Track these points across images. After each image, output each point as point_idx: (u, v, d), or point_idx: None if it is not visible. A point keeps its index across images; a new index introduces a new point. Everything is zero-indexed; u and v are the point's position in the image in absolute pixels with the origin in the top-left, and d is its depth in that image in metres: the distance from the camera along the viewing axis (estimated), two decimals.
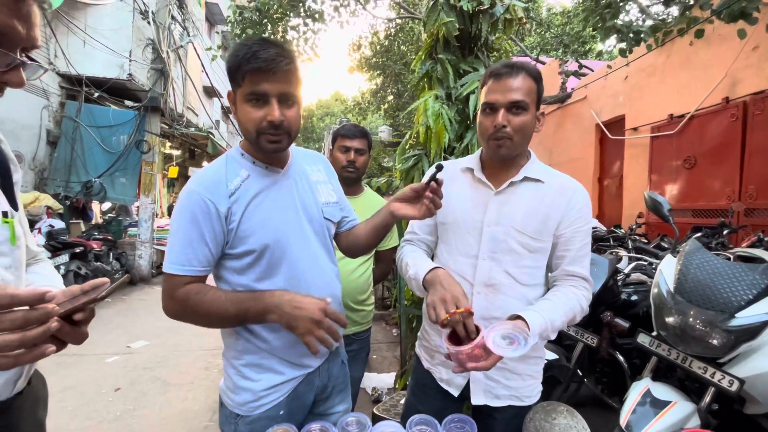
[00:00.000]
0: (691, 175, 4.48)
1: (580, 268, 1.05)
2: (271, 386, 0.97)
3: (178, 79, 7.81)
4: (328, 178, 1.13)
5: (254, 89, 0.87)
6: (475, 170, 1.11)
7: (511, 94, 1.00)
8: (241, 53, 0.87)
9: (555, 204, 1.04)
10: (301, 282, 0.98)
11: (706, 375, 1.31)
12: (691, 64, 4.57)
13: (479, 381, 1.08)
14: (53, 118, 6.55)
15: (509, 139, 1.01)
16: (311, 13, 6.53)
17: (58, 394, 2.83)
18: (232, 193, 0.92)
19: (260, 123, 0.89)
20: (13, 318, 0.47)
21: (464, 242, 1.09)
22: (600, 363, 1.96)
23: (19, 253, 0.69)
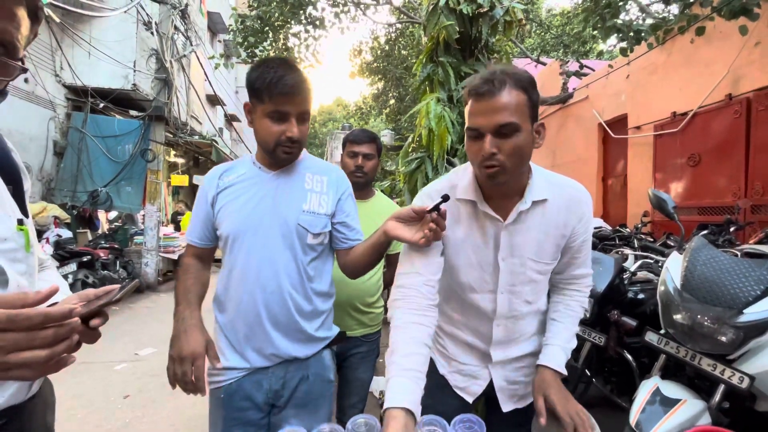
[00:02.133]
0: (695, 172, 4.46)
1: (584, 269, 1.07)
2: (216, 367, 1.06)
3: (181, 88, 7.90)
4: (328, 190, 1.14)
5: (278, 109, 1.01)
6: (478, 203, 0.97)
7: (497, 116, 0.84)
8: (268, 77, 0.99)
9: (563, 221, 0.99)
10: (249, 272, 1.07)
11: (715, 372, 1.30)
12: (692, 61, 4.56)
13: (504, 390, 1.08)
14: (60, 129, 6.64)
15: (501, 167, 0.86)
16: (312, 20, 6.59)
17: (67, 402, 2.85)
18: (223, 185, 1.10)
19: (279, 137, 1.03)
20: (44, 335, 0.49)
21: (479, 280, 1.02)
22: (608, 362, 1.95)
23: (32, 259, 0.71)
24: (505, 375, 1.08)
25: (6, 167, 0.71)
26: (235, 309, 1.08)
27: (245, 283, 1.07)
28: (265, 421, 1.11)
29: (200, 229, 1.13)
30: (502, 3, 1.90)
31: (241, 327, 1.08)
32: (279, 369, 1.09)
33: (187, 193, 11.78)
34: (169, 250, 7.67)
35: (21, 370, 0.48)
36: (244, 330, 1.07)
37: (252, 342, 1.08)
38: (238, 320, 1.08)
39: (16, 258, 0.66)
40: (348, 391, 1.65)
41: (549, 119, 7.52)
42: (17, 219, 0.68)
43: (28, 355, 0.48)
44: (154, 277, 7.10)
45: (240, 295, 1.07)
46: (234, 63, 7.96)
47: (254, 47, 6.73)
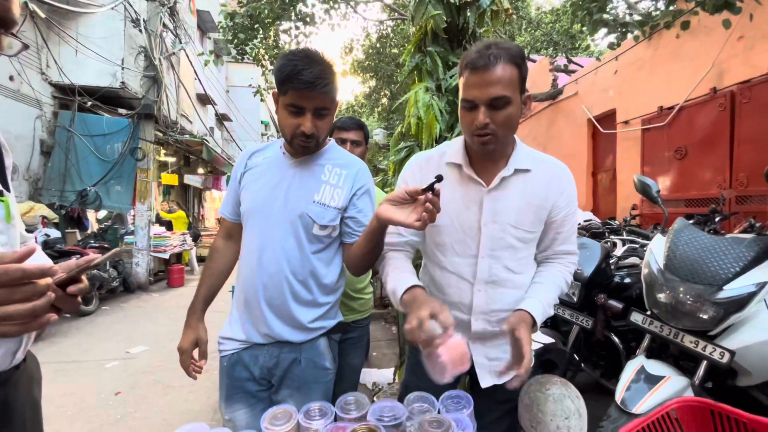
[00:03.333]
0: (682, 165, 4.54)
1: (569, 245, 1.09)
2: (224, 336, 1.16)
3: (171, 87, 7.82)
4: (344, 184, 1.13)
5: (293, 102, 1.02)
6: (464, 166, 1.04)
7: (491, 89, 0.91)
8: (286, 69, 0.99)
9: (545, 193, 1.03)
10: (254, 251, 1.12)
11: (697, 348, 1.33)
12: (678, 56, 4.64)
13: (483, 365, 1.10)
14: (46, 128, 6.54)
15: (493, 135, 0.94)
16: (302, 17, 6.57)
17: (57, 400, 2.82)
18: (250, 165, 1.17)
19: (294, 130, 1.05)
20: (24, 290, 0.51)
21: (461, 243, 1.05)
22: (596, 346, 1.98)
23: (13, 232, 0.72)
24: (486, 351, 1.09)
25: None
26: (242, 284, 1.14)
27: (250, 261, 1.12)
28: (265, 395, 1.16)
29: (231, 205, 1.20)
30: None
31: (243, 302, 1.14)
32: (273, 348, 1.13)
33: (178, 192, 11.67)
34: (160, 249, 7.59)
35: (4, 324, 0.50)
36: (245, 305, 1.14)
37: (250, 318, 1.13)
38: (242, 295, 1.14)
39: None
40: (339, 376, 1.64)
41: (539, 115, 7.59)
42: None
43: (10, 309, 0.49)
44: (146, 277, 7.03)
45: (245, 272, 1.13)
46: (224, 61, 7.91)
47: (244, 44, 6.69)
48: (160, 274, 7.85)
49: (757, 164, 3.65)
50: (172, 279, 7.46)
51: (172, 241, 7.88)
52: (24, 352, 0.73)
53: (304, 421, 0.94)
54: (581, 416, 0.96)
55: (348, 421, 0.95)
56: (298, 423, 0.94)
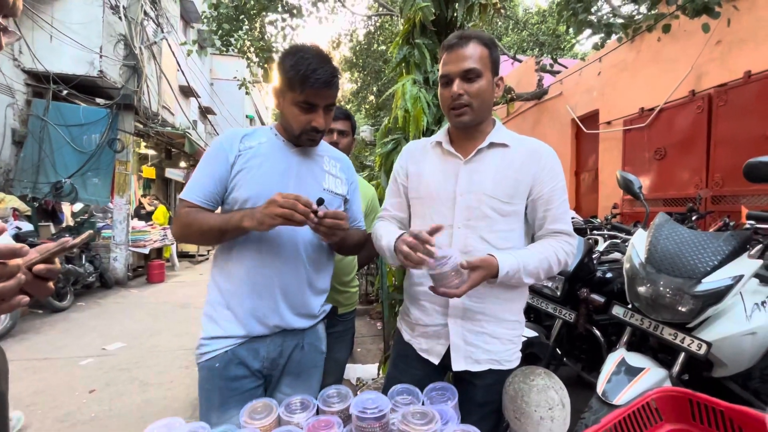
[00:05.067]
0: (661, 165, 4.65)
1: (562, 225, 1.07)
2: (210, 337, 1.06)
3: (152, 77, 7.59)
4: (341, 175, 1.23)
5: (308, 100, 1.04)
6: (444, 143, 1.14)
7: (464, 63, 1.04)
8: (302, 68, 1.00)
9: (524, 167, 1.06)
10: (266, 240, 1.07)
11: (676, 340, 1.36)
12: (659, 59, 4.75)
13: (459, 348, 1.09)
14: (19, 117, 6.27)
15: (468, 106, 1.05)
16: (289, 8, 6.47)
17: (27, 399, 2.71)
18: (242, 149, 1.09)
19: (306, 125, 1.07)
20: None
21: (439, 213, 1.10)
22: (578, 340, 2.01)
23: None
24: (463, 334, 1.08)
25: None
26: (245, 277, 1.07)
27: (261, 251, 1.06)
28: (259, 391, 1.10)
29: (211, 189, 1.06)
30: None
31: (248, 295, 1.06)
32: (277, 337, 1.10)
33: (159, 186, 11.37)
34: (140, 244, 7.39)
35: None
36: (251, 298, 1.07)
37: (257, 312, 1.07)
38: (246, 288, 1.06)
39: None
40: (323, 370, 1.63)
41: (525, 115, 7.68)
42: None
43: None
44: (124, 273, 6.83)
45: (253, 263, 1.07)
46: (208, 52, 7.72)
47: (229, 35, 6.54)
48: (139, 269, 7.64)
49: (732, 165, 3.77)
50: (151, 274, 7.26)
51: (152, 235, 7.68)
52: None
53: (285, 414, 0.92)
54: (565, 407, 0.96)
55: (330, 414, 0.93)
56: (278, 416, 0.92)
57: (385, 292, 2.25)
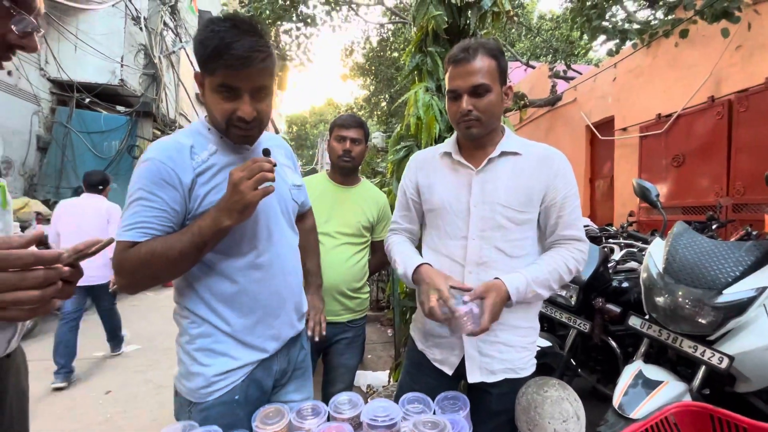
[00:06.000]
0: (679, 173, 4.55)
1: (574, 231, 1.06)
2: (224, 371, 0.93)
3: (170, 85, 7.80)
4: (289, 162, 1.13)
5: (226, 82, 0.84)
6: (453, 153, 1.12)
7: (472, 78, 1.01)
8: (212, 43, 0.81)
9: (537, 174, 1.05)
10: (264, 257, 0.96)
11: (696, 353, 1.32)
12: (677, 64, 4.67)
13: (474, 359, 1.08)
14: (44, 124, 6.50)
15: (477, 121, 1.03)
16: (303, 17, 6.58)
17: (45, 399, 2.77)
18: (198, 166, 0.89)
19: (230, 116, 0.86)
20: (36, 276, 0.50)
21: (453, 225, 1.09)
22: (593, 350, 1.96)
23: (9, 217, 0.72)
24: (477, 345, 1.07)
25: None
26: (253, 300, 0.96)
27: (264, 269, 0.97)
28: None
29: (164, 220, 0.85)
30: None
31: (259, 317, 0.97)
32: (283, 349, 1.05)
33: None
34: None
35: (13, 310, 0.49)
36: (265, 319, 0.98)
37: (271, 329, 0.99)
38: (258, 310, 0.96)
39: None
40: (333, 377, 1.64)
41: (538, 121, 7.62)
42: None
43: (21, 295, 0.49)
44: None
45: (260, 283, 0.96)
46: None
47: None
48: None
49: (754, 173, 3.67)
50: None
51: None
52: (18, 341, 0.71)
53: (297, 420, 0.92)
54: (579, 419, 0.94)
55: (341, 421, 0.93)
56: (290, 422, 0.92)
57: (397, 299, 2.25)
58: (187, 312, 0.95)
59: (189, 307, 0.94)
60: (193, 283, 0.93)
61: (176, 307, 0.99)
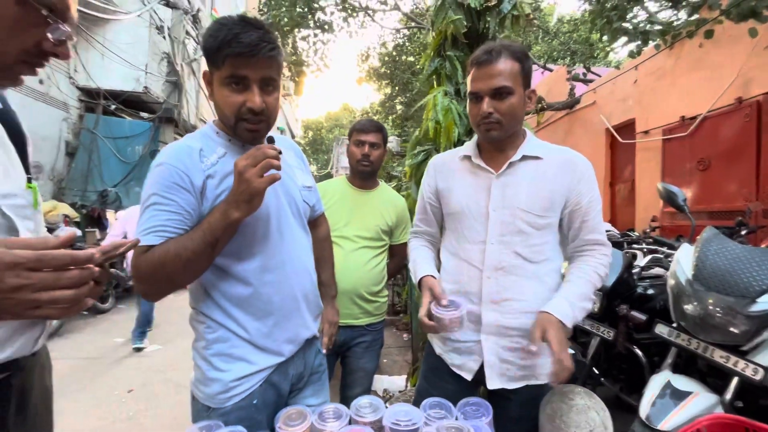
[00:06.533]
0: (705, 177, 4.41)
1: (598, 234, 1.06)
2: (242, 376, 0.92)
3: (191, 91, 8.02)
4: (299, 163, 1.12)
5: (235, 73, 0.84)
6: (473, 156, 1.11)
7: (494, 80, 1.00)
8: (221, 35, 0.83)
9: (559, 179, 1.04)
10: (276, 259, 0.96)
11: (728, 364, 1.27)
12: (701, 65, 4.54)
13: (493, 365, 1.06)
14: (72, 130, 6.76)
15: (498, 124, 1.02)
16: (320, 24, 6.68)
17: (72, 395, 2.86)
18: (207, 168, 0.89)
19: (239, 108, 0.86)
20: (71, 275, 0.51)
21: (471, 229, 1.09)
22: (617, 359, 1.91)
23: (39, 217, 0.73)
24: (497, 351, 1.06)
25: (12, 129, 0.73)
26: (268, 303, 0.95)
27: (277, 271, 0.96)
28: None
29: (179, 222, 0.85)
30: None
31: (275, 320, 0.96)
32: (299, 351, 1.04)
33: None
34: None
35: (49, 308, 0.50)
36: (281, 323, 0.97)
37: (287, 332, 0.98)
38: (273, 313, 0.96)
39: (25, 215, 0.68)
40: (351, 381, 1.64)
41: (556, 124, 7.51)
42: (27, 177, 0.70)
43: (57, 294, 0.50)
44: None
45: (274, 286, 0.96)
46: None
47: None
48: None
49: None
50: None
51: None
52: (45, 339, 0.73)
53: (318, 423, 0.92)
54: (607, 429, 0.91)
55: (363, 425, 0.93)
56: (312, 424, 0.93)
57: (414, 303, 2.24)
58: (202, 317, 0.95)
59: (204, 311, 0.94)
60: (207, 288, 0.93)
61: (192, 312, 0.99)
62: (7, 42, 0.59)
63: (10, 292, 0.48)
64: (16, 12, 0.57)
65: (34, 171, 0.79)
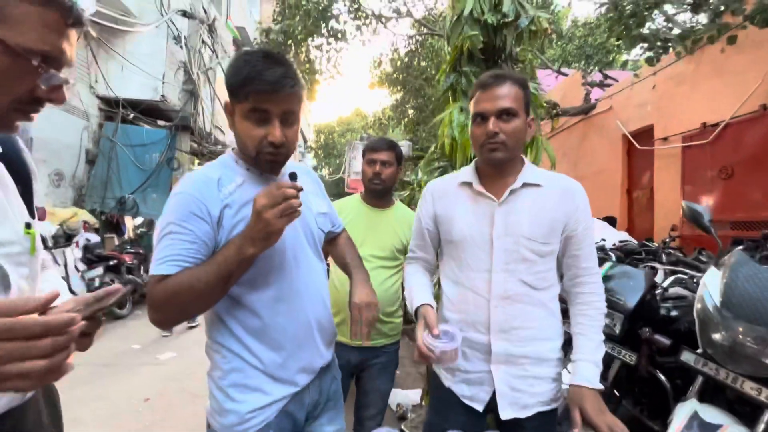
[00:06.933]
0: (728, 185, 4.28)
1: (592, 263, 1.11)
2: (258, 407, 0.92)
3: (207, 100, 8.16)
4: (315, 189, 1.14)
5: (257, 107, 0.87)
6: (474, 183, 1.12)
7: (500, 101, 1.04)
8: (244, 72, 0.86)
9: (559, 206, 1.07)
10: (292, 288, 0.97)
11: (760, 397, 1.22)
12: (723, 71, 4.42)
13: (505, 395, 1.07)
14: (92, 138, 6.93)
15: (503, 144, 1.04)
16: (334, 33, 6.73)
17: (91, 403, 2.91)
18: (225, 198, 0.90)
19: (261, 141, 0.89)
20: (43, 345, 0.46)
21: (475, 258, 1.09)
22: (638, 382, 1.85)
23: (36, 263, 0.72)
24: (508, 380, 1.06)
25: (16, 168, 0.72)
26: (282, 333, 0.95)
27: (291, 300, 0.97)
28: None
29: (195, 252, 0.86)
30: (527, 12, 1.89)
31: (289, 351, 0.96)
32: (315, 380, 1.04)
33: None
34: None
35: (17, 380, 0.46)
36: (294, 353, 0.97)
37: (301, 361, 0.98)
38: (287, 344, 0.95)
39: (20, 262, 0.66)
40: (366, 402, 1.63)
41: (570, 130, 7.39)
42: (25, 223, 0.68)
43: (26, 366, 0.45)
44: None
45: (288, 315, 0.96)
46: None
47: None
48: None
49: None
50: None
51: None
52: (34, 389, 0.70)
53: None
54: None
55: None
56: None
57: None
58: (217, 346, 0.95)
59: (219, 340, 0.95)
60: (223, 317, 0.94)
61: (207, 341, 1.00)
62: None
63: None
64: (6, 62, 0.56)
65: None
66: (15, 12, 0.56)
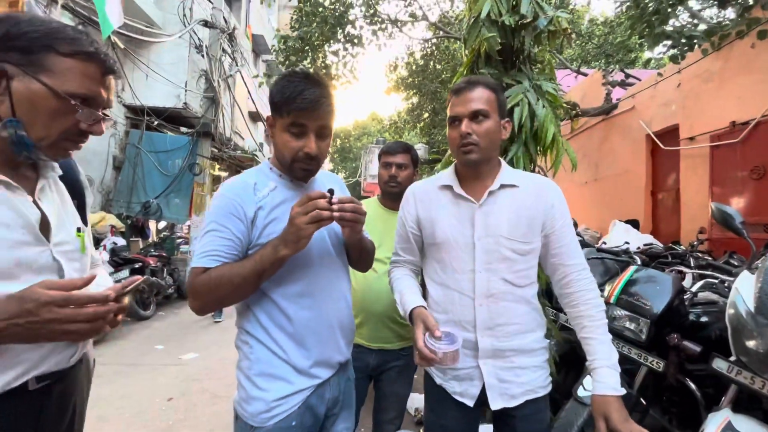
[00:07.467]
0: (760, 186, 4.10)
1: (579, 259, 1.13)
2: (282, 396, 0.98)
3: (227, 106, 8.36)
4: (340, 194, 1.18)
5: (296, 121, 0.98)
6: (455, 187, 1.15)
7: (471, 104, 1.10)
8: (288, 91, 0.97)
9: (535, 205, 1.12)
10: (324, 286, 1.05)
11: None
12: (753, 67, 4.24)
13: (494, 386, 1.11)
14: (119, 145, 7.20)
15: (476, 145, 1.09)
16: (350, 38, 6.80)
17: (116, 402, 3.00)
18: (259, 201, 1.01)
19: (297, 153, 1.00)
20: (87, 313, 0.69)
21: (458, 259, 1.13)
22: (667, 390, 1.78)
23: (86, 260, 0.88)
24: (496, 373, 1.10)
25: (72, 185, 0.92)
26: (305, 327, 1.01)
27: (314, 297, 1.04)
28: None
29: (231, 248, 0.97)
30: (546, 13, 1.87)
31: (311, 343, 1.02)
32: (336, 374, 1.09)
33: None
34: None
35: (71, 335, 0.70)
36: (316, 346, 1.03)
37: (323, 355, 1.04)
38: (309, 337, 1.02)
39: (73, 258, 0.83)
40: (385, 405, 1.63)
41: (591, 131, 7.23)
42: (77, 227, 0.87)
43: (76, 326, 0.68)
44: None
45: (312, 311, 1.03)
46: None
47: (295, 66, 7.03)
48: None
49: None
50: None
51: None
52: (79, 356, 0.86)
53: None
54: None
55: None
56: None
57: None
58: (246, 336, 1.03)
59: (248, 330, 1.03)
60: (252, 308, 1.03)
61: (238, 332, 1.07)
62: (50, 126, 0.74)
63: (45, 323, 0.65)
64: (54, 104, 0.73)
65: None
66: (62, 66, 0.73)
